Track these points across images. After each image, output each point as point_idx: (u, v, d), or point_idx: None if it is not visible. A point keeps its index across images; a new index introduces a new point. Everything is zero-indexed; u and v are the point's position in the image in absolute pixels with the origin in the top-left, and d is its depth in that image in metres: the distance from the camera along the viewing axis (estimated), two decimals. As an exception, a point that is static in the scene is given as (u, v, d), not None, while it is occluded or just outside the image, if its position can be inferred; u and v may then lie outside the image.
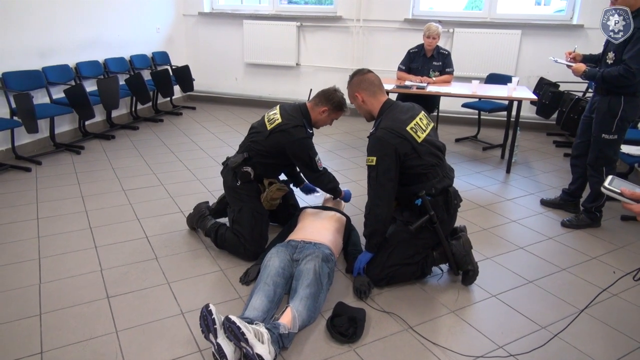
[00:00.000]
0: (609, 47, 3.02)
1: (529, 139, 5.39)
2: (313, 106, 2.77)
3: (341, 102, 2.77)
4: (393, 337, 2.11)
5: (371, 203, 2.40)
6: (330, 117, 2.80)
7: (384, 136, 2.31)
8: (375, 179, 2.34)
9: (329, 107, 2.74)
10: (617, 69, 2.87)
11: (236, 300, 2.33)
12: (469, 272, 2.49)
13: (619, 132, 3.04)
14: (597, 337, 2.14)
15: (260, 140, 2.72)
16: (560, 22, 5.62)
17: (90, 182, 3.77)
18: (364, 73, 2.52)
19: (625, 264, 2.78)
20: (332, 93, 2.76)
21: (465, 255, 2.48)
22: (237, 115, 6.19)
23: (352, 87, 2.53)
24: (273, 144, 2.68)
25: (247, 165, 2.72)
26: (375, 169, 2.32)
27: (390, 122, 2.35)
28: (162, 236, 2.95)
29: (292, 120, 2.68)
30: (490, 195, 3.80)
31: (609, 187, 1.34)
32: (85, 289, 2.38)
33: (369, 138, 2.41)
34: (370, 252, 2.47)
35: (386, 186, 2.34)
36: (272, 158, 2.72)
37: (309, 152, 2.69)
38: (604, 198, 3.17)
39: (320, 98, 2.76)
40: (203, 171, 4.08)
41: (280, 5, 6.45)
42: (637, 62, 2.78)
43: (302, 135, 2.66)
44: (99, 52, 5.16)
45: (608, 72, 2.92)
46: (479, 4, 10.55)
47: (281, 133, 2.66)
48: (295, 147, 2.66)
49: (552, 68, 5.51)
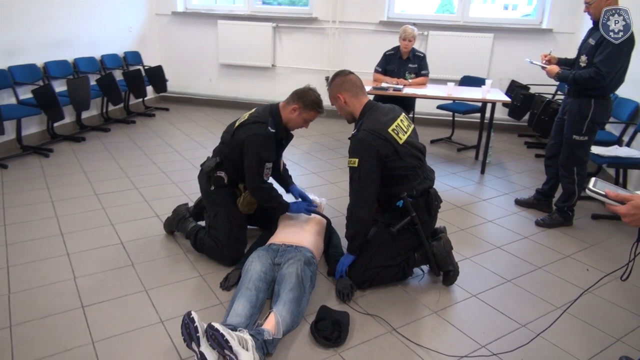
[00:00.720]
0: (582, 50, 3.10)
1: (502, 140, 5.50)
2: (284, 105, 2.63)
3: (314, 101, 2.60)
4: (377, 340, 2.11)
5: (353, 205, 2.39)
6: (301, 117, 2.62)
7: (366, 138, 2.31)
8: (357, 181, 2.33)
9: (299, 105, 2.58)
10: (587, 71, 2.95)
11: (217, 307, 2.28)
12: (450, 272, 2.51)
13: (589, 134, 3.13)
14: (574, 334, 2.18)
15: (227, 141, 2.63)
16: (530, 26, 5.76)
17: (60, 186, 3.64)
18: (346, 74, 2.51)
19: (597, 261, 2.86)
20: (305, 91, 2.61)
21: (446, 256, 2.50)
22: (212, 116, 6.10)
23: (334, 88, 2.50)
24: (236, 143, 2.56)
25: (220, 169, 2.64)
26: (358, 170, 2.31)
27: (372, 124, 2.35)
28: (138, 241, 2.87)
29: (255, 117, 2.57)
30: (466, 196, 3.85)
31: (594, 189, 1.37)
32: (58, 298, 2.28)
33: (351, 140, 2.40)
34: (353, 255, 2.47)
35: (368, 188, 2.34)
36: (240, 161, 2.59)
37: (260, 152, 2.50)
38: (575, 197, 3.26)
39: (292, 96, 2.62)
40: (178, 174, 4.00)
41: (255, 5, 6.40)
42: (606, 65, 2.87)
43: (259, 132, 2.50)
44: (69, 52, 5.00)
45: (579, 74, 3.00)
46: (450, 7, 10.75)
47: (241, 129, 2.57)
48: (249, 142, 2.51)
49: (523, 71, 5.64)
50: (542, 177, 4.17)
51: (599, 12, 2.94)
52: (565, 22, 5.56)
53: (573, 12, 5.49)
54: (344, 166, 4.35)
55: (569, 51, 5.68)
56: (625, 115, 3.83)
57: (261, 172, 2.53)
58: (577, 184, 3.22)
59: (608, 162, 3.40)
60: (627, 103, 3.83)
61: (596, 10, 2.96)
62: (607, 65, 2.87)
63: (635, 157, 3.37)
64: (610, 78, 2.91)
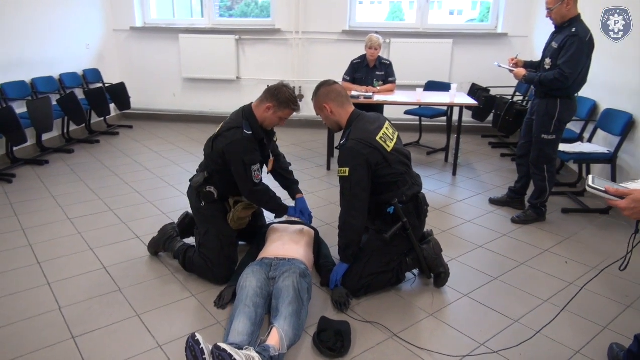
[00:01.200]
0: (546, 53, 3.26)
1: (467, 141, 5.67)
2: (258, 104, 2.57)
3: (289, 99, 2.52)
4: (380, 346, 2.13)
5: (346, 214, 2.41)
6: (276, 115, 2.55)
7: (356, 147, 2.33)
8: (349, 190, 2.35)
9: (274, 103, 2.51)
10: (552, 73, 3.10)
11: (215, 326, 2.24)
12: (441, 274, 2.57)
13: (556, 132, 3.29)
14: (565, 326, 2.28)
15: (209, 154, 2.59)
16: (486, 31, 6.00)
17: (29, 212, 3.47)
18: (331, 84, 2.52)
19: (574, 253, 3.00)
20: (278, 88, 2.53)
21: (436, 259, 2.56)
22: (178, 132, 5.99)
23: (320, 98, 2.50)
24: (217, 154, 2.52)
25: (209, 184, 2.59)
26: (349, 180, 2.34)
27: (360, 133, 2.38)
28: (121, 265, 2.77)
29: (229, 124, 2.53)
30: (442, 198, 3.95)
31: (594, 185, 1.44)
32: (46, 331, 2.18)
33: (340, 149, 2.42)
34: (346, 263, 2.48)
35: (360, 196, 2.36)
36: (226, 172, 2.54)
37: (242, 157, 2.45)
38: (547, 194, 3.41)
39: (266, 94, 2.54)
40: (153, 193, 3.90)
41: (216, 18, 6.35)
42: (569, 66, 3.03)
43: (235, 138, 2.46)
44: (25, 72, 4.79)
45: (545, 76, 3.15)
46: (399, 14, 11.04)
47: (218, 139, 2.52)
48: (229, 150, 2.46)
49: (482, 74, 5.88)
50: (511, 175, 4.36)
51: (560, 18, 3.11)
52: (519, 26, 5.83)
53: (525, 17, 5.77)
54: (320, 175, 4.40)
55: (524, 53, 5.98)
56: (584, 113, 4.05)
57: (250, 176, 2.49)
58: (548, 181, 3.38)
59: (574, 158, 3.58)
60: (585, 102, 4.06)
61: (557, 16, 3.12)
62: (570, 67, 3.03)
63: (598, 152, 3.57)
64: (573, 79, 3.07)
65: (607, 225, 3.44)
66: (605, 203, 3.62)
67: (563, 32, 3.12)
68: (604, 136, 3.83)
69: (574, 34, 3.02)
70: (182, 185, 4.05)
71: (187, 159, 4.83)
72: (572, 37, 3.03)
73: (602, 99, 3.97)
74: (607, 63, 3.75)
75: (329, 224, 3.31)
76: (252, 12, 8.69)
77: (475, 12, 12.70)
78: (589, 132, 4.02)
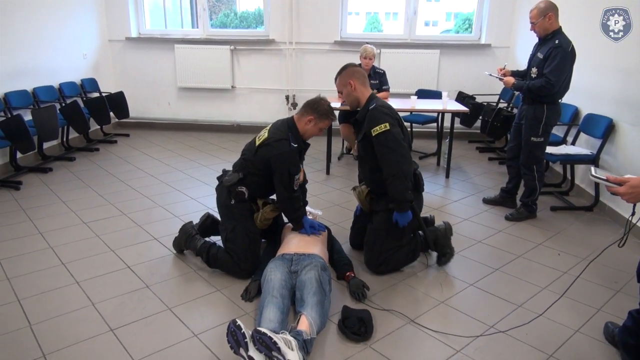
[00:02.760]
0: (532, 63, 3.54)
1: (455, 146, 5.86)
2: (299, 117, 2.80)
3: (328, 110, 2.79)
4: (400, 331, 2.31)
5: (397, 163, 2.63)
6: (317, 127, 2.79)
7: (387, 111, 2.69)
8: (393, 141, 2.62)
9: (315, 115, 2.75)
10: (539, 81, 3.38)
11: (245, 317, 2.39)
12: (447, 254, 2.91)
13: (544, 135, 3.56)
14: (562, 308, 2.50)
15: (249, 158, 2.77)
16: (470, 42, 6.32)
17: (43, 217, 3.55)
18: (355, 66, 2.92)
19: (565, 246, 3.25)
20: (317, 102, 2.79)
21: (446, 240, 2.92)
22: (175, 139, 6.10)
23: (346, 75, 2.81)
24: (260, 160, 2.71)
25: (241, 184, 2.76)
26: (391, 132, 2.62)
27: (385, 103, 2.78)
28: (144, 264, 2.90)
29: (277, 134, 2.73)
30: (439, 199, 4.18)
31: (596, 175, 1.68)
32: (84, 325, 2.29)
33: (370, 112, 2.69)
34: (408, 210, 2.67)
35: (403, 145, 2.67)
36: (263, 177, 2.75)
37: (289, 167, 2.68)
38: (537, 192, 3.67)
39: (306, 108, 2.79)
40: (162, 197, 4.02)
41: (211, 29, 6.51)
42: (555, 75, 3.31)
43: (284, 149, 2.67)
44: (27, 81, 4.86)
45: (532, 84, 3.43)
46: (377, 25, 11.37)
47: (265, 148, 2.71)
48: (277, 160, 2.67)
49: (468, 82, 6.19)
50: (500, 177, 4.63)
51: (543, 31, 3.40)
52: (501, 38, 6.16)
53: (507, 29, 6.10)
54: (321, 180, 4.58)
55: (507, 62, 6.30)
56: (567, 118, 4.35)
57: (292, 184, 2.70)
58: (538, 180, 3.63)
59: (561, 159, 3.86)
60: (568, 107, 4.35)
61: (540, 29, 3.41)
62: (555, 75, 3.31)
63: (582, 154, 3.85)
64: (558, 86, 3.36)
65: (592, 221, 3.71)
66: (604, 192, 3.90)
67: (547, 43, 3.40)
68: (586, 139, 4.12)
69: (557, 45, 3.31)
70: (190, 190, 4.20)
71: (189, 165, 4.96)
72: (556, 48, 3.31)
73: (583, 105, 4.27)
74: (589, 71, 4.05)
75: (337, 224, 3.49)
76: (231, 22, 8.88)
77: (450, 23, 13.14)
78: (572, 136, 4.31)
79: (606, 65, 3.89)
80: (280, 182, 2.71)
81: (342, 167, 5.10)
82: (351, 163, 5.22)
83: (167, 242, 3.15)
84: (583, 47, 3.54)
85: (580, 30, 4.00)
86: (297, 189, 2.77)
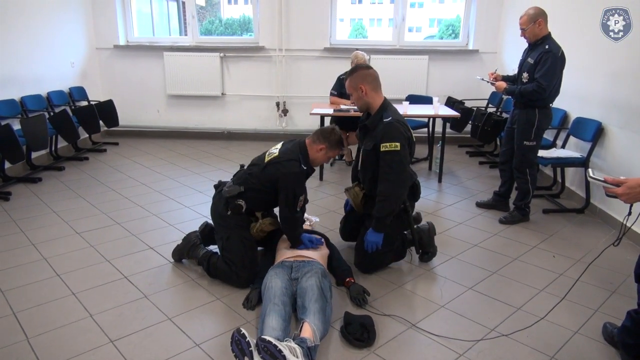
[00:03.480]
0: (523, 68, 3.60)
1: (446, 151, 5.90)
2: (311, 143, 2.78)
3: (339, 141, 2.80)
4: (402, 336, 2.32)
5: (392, 185, 2.65)
6: (327, 155, 2.82)
7: (401, 128, 2.64)
8: (399, 163, 2.62)
9: (326, 145, 2.76)
10: (531, 85, 3.43)
11: (246, 325, 2.37)
12: (429, 252, 3.03)
13: (537, 139, 3.62)
14: (561, 310, 2.52)
15: (256, 173, 2.74)
16: (458, 48, 6.40)
17: (35, 228, 3.49)
18: (368, 68, 2.79)
19: (559, 248, 3.30)
20: (330, 132, 2.79)
21: (429, 239, 3.03)
22: (165, 147, 6.06)
23: (357, 78, 2.72)
24: (267, 177, 2.70)
25: (240, 197, 2.73)
26: (399, 153, 2.61)
27: (400, 117, 2.71)
28: (142, 274, 2.86)
29: (288, 155, 2.72)
30: (433, 203, 4.22)
31: (594, 176, 1.72)
32: (83, 336, 2.25)
33: (384, 125, 2.64)
34: (381, 232, 2.74)
35: (407, 170, 2.71)
36: (266, 193, 2.72)
37: (295, 187, 2.68)
38: (530, 195, 3.72)
39: (318, 136, 2.78)
40: (156, 206, 3.98)
41: (200, 37, 6.49)
42: (546, 79, 3.37)
43: (294, 170, 2.67)
44: (14, 90, 4.79)
45: (524, 88, 3.49)
46: (362, 31, 11.47)
47: (275, 165, 2.70)
48: (286, 180, 2.67)
49: (456, 87, 6.27)
50: (491, 181, 4.69)
51: (533, 36, 3.48)
52: (488, 43, 6.26)
53: (494, 35, 6.20)
54: (315, 186, 4.58)
55: (494, 68, 6.38)
56: (557, 122, 4.42)
57: (295, 204, 2.68)
58: (531, 183, 3.69)
59: (552, 162, 3.91)
60: (557, 111, 4.42)
61: (530, 35, 3.48)
62: (547, 79, 3.37)
63: (573, 157, 3.92)
64: (550, 90, 3.41)
65: (584, 222, 3.77)
66: (595, 194, 3.96)
67: (537, 49, 3.46)
68: (575, 142, 4.19)
69: (547, 50, 3.37)
70: (183, 198, 4.17)
71: (181, 173, 4.92)
72: (546, 53, 3.37)
73: (572, 109, 4.35)
74: (577, 75, 4.12)
75: (332, 230, 3.49)
76: (216, 29, 8.90)
77: (433, 29, 13.29)
78: (562, 140, 4.38)
79: (594, 68, 3.97)
80: (285, 201, 2.69)
81: (335, 173, 5.11)
82: (344, 169, 5.23)
83: (163, 251, 3.12)
84: (573, 50, 3.60)
85: (571, 32, 4.09)
86: (299, 210, 2.77)
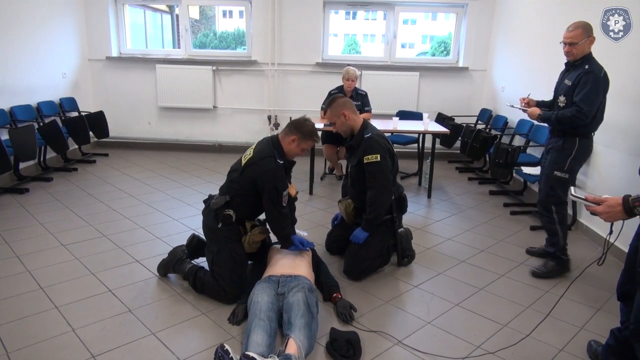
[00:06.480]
0: (559, 91, 3.15)
1: (436, 167, 5.95)
2: (283, 136, 2.79)
3: (312, 131, 2.79)
4: (388, 352, 2.31)
5: (377, 192, 2.95)
6: (300, 147, 2.79)
7: (381, 141, 2.97)
8: (381, 172, 2.92)
9: (298, 135, 2.75)
10: (569, 110, 2.97)
11: (231, 340, 2.35)
12: (408, 256, 3.23)
13: (570, 172, 3.12)
14: (546, 328, 2.52)
15: (236, 179, 2.74)
16: (449, 65, 6.48)
17: (20, 240, 3.45)
18: (343, 97, 3.16)
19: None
20: (301, 122, 2.80)
21: (407, 243, 3.25)
22: (156, 159, 6.04)
23: (338, 107, 3.05)
24: (247, 180, 2.69)
25: (228, 207, 2.73)
26: (380, 164, 2.91)
27: (379, 132, 3.05)
28: (127, 287, 2.83)
29: (262, 153, 2.72)
30: (422, 219, 4.23)
31: (576, 195, 1.76)
32: (64, 351, 2.22)
33: (366, 140, 2.97)
34: (369, 232, 3.02)
35: (389, 177, 2.98)
36: (250, 197, 2.73)
37: (276, 183, 2.66)
38: (560, 237, 3.21)
39: (290, 128, 2.79)
40: (143, 218, 3.96)
41: (193, 50, 6.52)
42: (587, 103, 2.90)
43: (270, 166, 2.66)
44: (4, 100, 4.76)
45: (562, 114, 3.02)
46: (355, 47, 11.61)
47: (251, 167, 2.69)
48: (264, 178, 2.66)
49: (446, 104, 6.34)
50: (481, 197, 4.74)
51: (581, 53, 2.98)
52: (478, 61, 6.35)
53: (483, 53, 6.29)
54: (305, 200, 4.58)
55: (483, 85, 6.48)
56: (543, 140, 4.47)
57: (280, 201, 2.70)
58: (559, 223, 3.20)
59: (538, 179, 3.93)
60: (544, 129, 4.48)
61: (579, 51, 2.98)
62: (587, 104, 2.90)
63: (560, 174, 3.94)
64: (591, 115, 2.94)
65: (571, 239, 3.72)
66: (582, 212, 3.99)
67: (575, 69, 3.03)
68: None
69: (587, 70, 2.93)
70: (172, 211, 4.14)
71: (170, 185, 4.90)
72: (586, 74, 2.93)
73: (559, 127, 4.40)
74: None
75: (322, 244, 3.48)
76: (210, 42, 8.97)
77: (426, 45, 13.48)
78: (549, 157, 4.42)
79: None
80: (269, 199, 2.69)
81: (325, 187, 5.11)
82: (334, 183, 5.24)
83: (149, 265, 3.10)
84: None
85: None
86: (285, 205, 2.76)
